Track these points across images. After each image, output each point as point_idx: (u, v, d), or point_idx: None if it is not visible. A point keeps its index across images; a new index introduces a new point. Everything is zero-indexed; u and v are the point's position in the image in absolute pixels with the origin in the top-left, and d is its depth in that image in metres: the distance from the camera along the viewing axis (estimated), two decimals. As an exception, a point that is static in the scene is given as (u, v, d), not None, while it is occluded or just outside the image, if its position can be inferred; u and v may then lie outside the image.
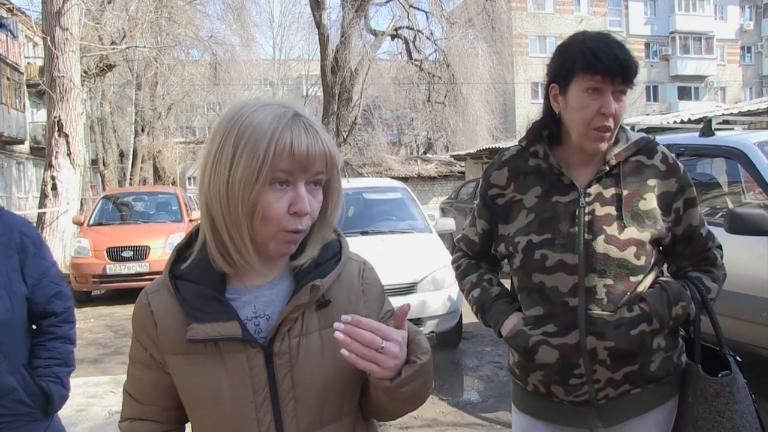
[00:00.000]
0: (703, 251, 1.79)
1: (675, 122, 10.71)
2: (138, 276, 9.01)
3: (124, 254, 9.17)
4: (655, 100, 41.92)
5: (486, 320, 1.87)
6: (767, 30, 42.76)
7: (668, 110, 34.42)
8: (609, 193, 1.70)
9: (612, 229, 1.66)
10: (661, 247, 1.76)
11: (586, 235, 1.67)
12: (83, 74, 14.00)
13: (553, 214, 1.70)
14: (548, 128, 1.75)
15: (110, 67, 18.63)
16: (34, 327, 2.05)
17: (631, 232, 1.66)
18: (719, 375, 1.67)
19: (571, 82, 1.65)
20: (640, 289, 1.68)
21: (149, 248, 9.32)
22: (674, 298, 1.68)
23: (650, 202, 1.69)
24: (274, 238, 1.11)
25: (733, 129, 5.82)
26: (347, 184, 7.58)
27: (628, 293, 1.66)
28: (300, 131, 1.08)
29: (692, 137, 5.37)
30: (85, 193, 17.72)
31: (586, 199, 1.69)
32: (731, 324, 4.34)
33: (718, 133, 5.13)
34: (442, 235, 7.28)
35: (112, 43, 16.71)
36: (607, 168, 1.71)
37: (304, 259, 1.19)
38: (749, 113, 9.51)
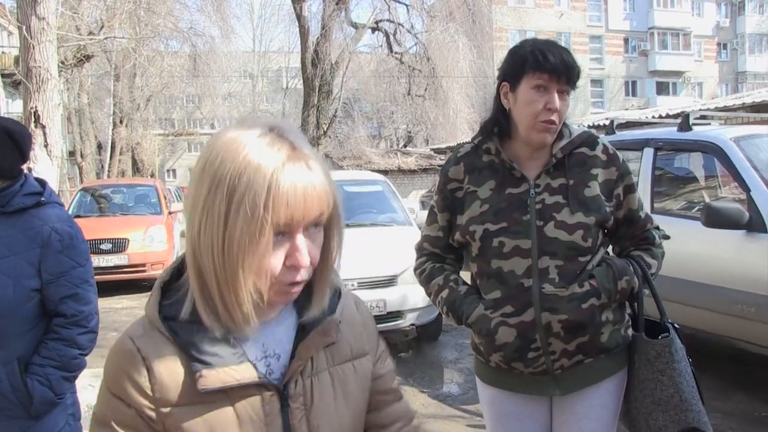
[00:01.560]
0: (643, 231, 1.99)
1: (653, 117, 10.83)
2: (117, 268, 8.91)
3: (103, 246, 9.07)
4: (634, 95, 42.27)
5: (457, 317, 1.98)
6: (742, 27, 43.24)
7: (647, 105, 34.76)
8: (557, 183, 1.88)
9: (561, 216, 1.84)
10: (605, 230, 1.94)
11: (538, 222, 1.84)
12: (60, 64, 13.80)
13: (507, 205, 1.87)
14: (499, 124, 1.92)
15: (88, 57, 18.39)
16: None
17: (579, 217, 1.83)
18: (660, 337, 1.88)
19: (521, 80, 1.83)
20: (589, 267, 1.86)
21: (128, 240, 9.24)
22: (619, 274, 1.86)
23: (594, 189, 1.87)
24: (271, 289, 0.98)
25: (710, 124, 5.90)
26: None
27: (578, 272, 1.84)
28: (300, 173, 0.96)
29: (670, 132, 5.44)
30: (63, 185, 17.47)
31: (536, 190, 1.88)
32: (707, 316, 4.42)
33: (695, 128, 5.20)
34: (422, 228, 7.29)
35: (90, 33, 16.49)
36: (554, 160, 1.89)
37: (315, 312, 1.09)
38: (726, 109, 9.64)
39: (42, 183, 2.11)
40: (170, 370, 0.99)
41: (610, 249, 2.05)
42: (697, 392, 1.84)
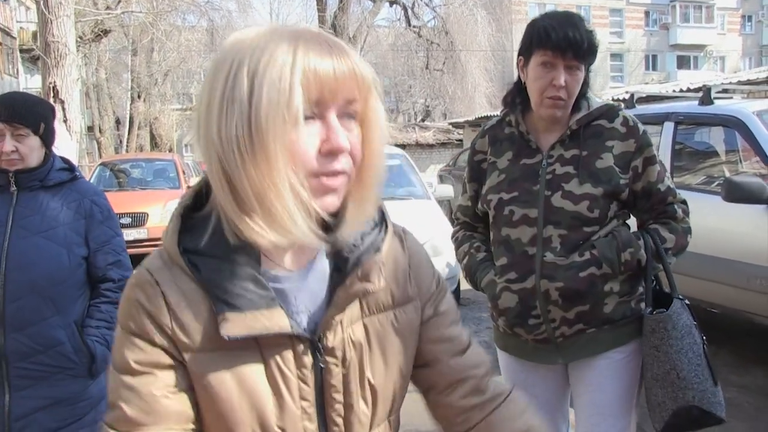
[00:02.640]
0: (663, 205, 1.96)
1: (674, 91, 10.67)
2: (136, 243, 8.98)
3: (122, 221, 9.13)
4: (654, 69, 41.63)
5: (474, 282, 2.09)
6: (769, -2, 42.32)
7: (667, 79, 34.23)
8: (569, 154, 1.90)
9: (569, 186, 1.86)
10: (622, 202, 1.92)
11: (546, 191, 1.88)
12: (78, 39, 13.85)
13: (520, 174, 1.93)
14: (520, 96, 1.96)
15: (105, 32, 18.44)
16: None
17: (587, 188, 1.85)
18: (655, 312, 1.86)
19: (531, 56, 1.86)
20: (594, 238, 1.87)
21: (147, 215, 9.33)
22: (623, 245, 1.86)
23: (607, 161, 1.88)
24: (310, 188, 0.82)
25: (732, 98, 5.81)
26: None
27: (581, 242, 1.86)
28: (323, 50, 0.83)
29: (691, 106, 5.37)
30: (82, 160, 17.66)
31: (549, 161, 1.91)
32: (726, 291, 4.39)
33: (717, 102, 5.13)
34: (440, 202, 7.29)
35: (107, 7, 16.51)
36: (569, 132, 1.90)
37: (350, 232, 0.91)
38: (749, 82, 9.47)
39: (64, 159, 2.21)
40: (192, 310, 0.85)
41: (633, 222, 2.04)
42: (703, 370, 1.82)
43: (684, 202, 2.00)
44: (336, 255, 0.93)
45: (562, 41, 1.78)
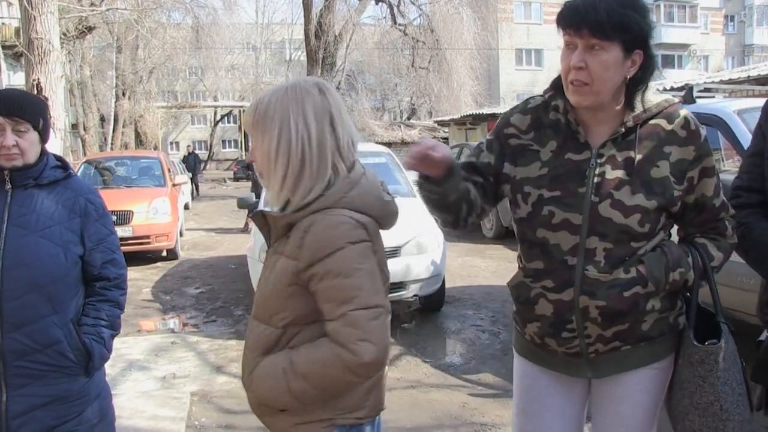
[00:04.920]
0: (714, 220, 1.78)
1: (658, 90, 10.75)
2: (121, 240, 8.83)
3: (107, 219, 9.08)
4: (639, 67, 41.86)
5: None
6: (751, -1, 42.70)
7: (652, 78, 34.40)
8: (622, 156, 1.68)
9: (620, 194, 1.65)
10: (670, 214, 1.74)
11: (593, 197, 1.67)
12: (62, 36, 13.73)
13: (564, 171, 1.71)
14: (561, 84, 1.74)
15: (90, 29, 18.27)
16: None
17: (639, 199, 1.64)
18: (706, 343, 1.70)
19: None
20: (641, 252, 1.69)
21: (132, 213, 9.26)
22: (673, 264, 1.69)
23: (663, 169, 1.66)
24: None
25: (714, 97, 5.88)
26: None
27: (627, 257, 1.68)
28: None
29: (674, 104, 5.42)
30: (66, 157, 17.45)
31: (599, 160, 1.68)
32: (719, 291, 4.43)
33: (699, 100, 5.19)
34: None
35: (92, 4, 16.37)
36: (623, 130, 1.68)
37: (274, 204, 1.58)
38: (730, 81, 9.57)
39: (57, 156, 2.20)
40: None
41: (674, 231, 1.85)
42: (744, 399, 1.70)
43: (734, 216, 1.82)
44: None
45: (574, 18, 1.58)
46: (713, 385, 1.66)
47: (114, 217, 8.94)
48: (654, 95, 1.73)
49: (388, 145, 18.47)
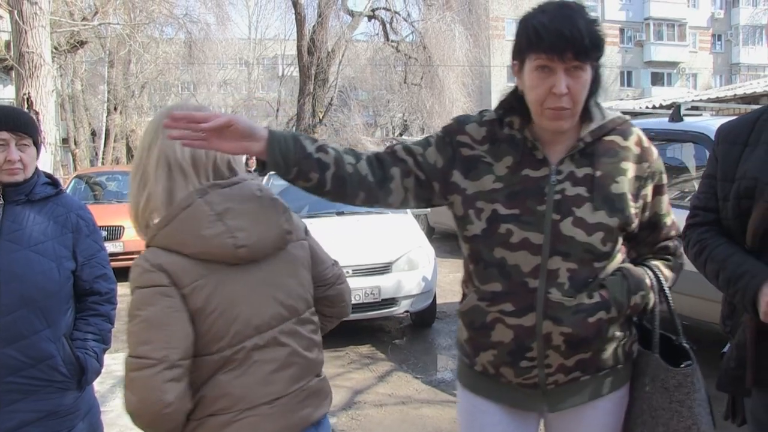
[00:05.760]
0: (666, 240, 1.77)
1: (647, 107, 10.86)
2: (112, 256, 8.79)
3: (98, 234, 9.05)
4: (629, 85, 42.25)
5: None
6: (737, 19, 43.23)
7: (642, 95, 34.77)
8: (581, 172, 1.62)
9: (582, 212, 1.59)
10: (626, 233, 1.69)
11: (554, 214, 1.59)
12: (54, 50, 13.74)
13: (522, 188, 1.62)
14: (515, 105, 1.66)
15: (82, 43, 18.26)
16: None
17: (601, 216, 1.59)
18: (681, 365, 1.66)
19: (525, 60, 1.57)
20: (602, 275, 1.63)
21: (123, 228, 9.25)
22: (635, 287, 1.64)
23: (622, 185, 1.62)
24: None
25: (701, 115, 5.95)
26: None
27: (590, 279, 1.61)
28: None
29: (662, 122, 5.50)
30: (56, 172, 17.48)
31: (558, 177, 1.61)
32: (696, 303, 4.47)
33: (686, 118, 5.26)
34: (416, 216, 7.34)
35: (84, 19, 16.38)
36: (582, 145, 1.62)
37: None
38: (717, 100, 9.69)
39: (46, 173, 2.22)
40: None
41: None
42: (710, 418, 1.69)
43: (681, 236, 1.83)
44: None
45: (557, 41, 1.49)
46: (691, 409, 1.62)
47: (105, 233, 9.02)
48: (609, 111, 1.70)
49: (380, 160, 18.47)
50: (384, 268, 5.76)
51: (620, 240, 1.67)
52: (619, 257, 1.70)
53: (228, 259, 1.47)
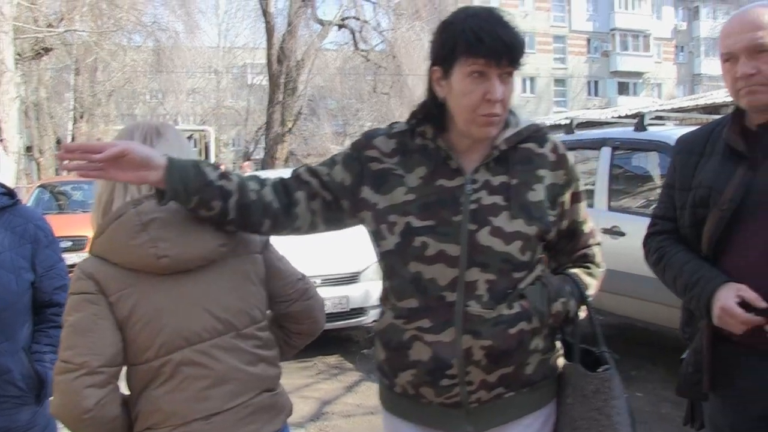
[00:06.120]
0: (585, 248, 1.73)
1: (613, 117, 11.04)
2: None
3: (62, 245, 8.85)
4: (596, 94, 42.90)
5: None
6: (698, 31, 44.27)
7: (608, 105, 35.28)
8: (497, 180, 1.58)
9: (498, 221, 1.54)
10: (545, 243, 1.65)
11: (470, 224, 1.53)
12: (17, 57, 13.50)
13: (436, 199, 1.56)
14: (431, 114, 1.61)
15: (46, 50, 17.98)
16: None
17: (519, 224, 1.55)
18: (598, 370, 1.61)
19: (454, 66, 1.51)
20: (522, 285, 1.57)
21: (88, 238, 9.08)
22: (555, 295, 1.60)
23: (539, 193, 1.59)
24: None
25: (665, 124, 6.07)
26: (292, 173, 7.57)
27: (510, 290, 1.55)
28: None
29: (627, 131, 5.60)
30: (20, 181, 17.12)
31: (473, 186, 1.56)
32: (659, 309, 4.53)
33: (650, 128, 5.36)
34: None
35: (49, 25, 16.14)
36: (496, 153, 1.58)
37: None
38: (680, 109, 9.89)
39: (1, 184, 2.18)
40: None
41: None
42: (631, 425, 1.62)
43: (599, 244, 1.78)
44: None
45: (497, 45, 1.46)
46: (609, 417, 1.56)
47: (70, 243, 8.89)
48: (523, 118, 1.66)
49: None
50: (352, 278, 5.74)
51: (539, 249, 1.63)
52: (539, 267, 1.65)
53: (152, 269, 1.48)
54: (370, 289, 5.73)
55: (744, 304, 1.69)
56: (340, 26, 22.77)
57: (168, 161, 1.49)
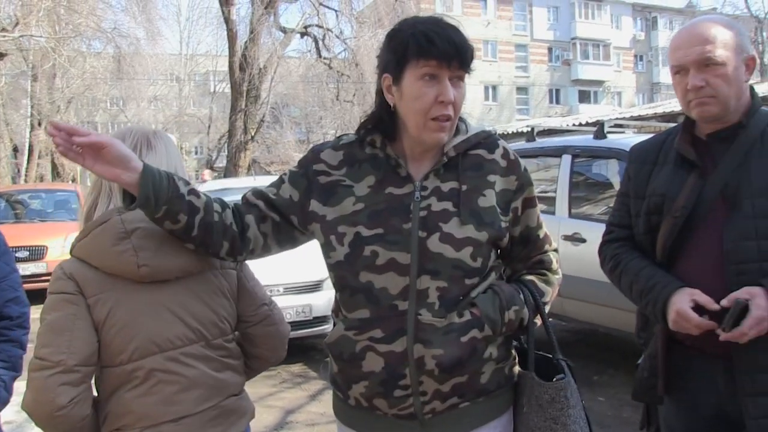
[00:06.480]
0: (539, 254, 1.72)
1: (574, 125, 11.22)
2: (34, 277, 8.53)
3: (19, 254, 8.67)
4: (558, 102, 43.54)
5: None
6: (656, 41, 45.30)
7: (570, 113, 35.88)
8: (447, 187, 1.57)
9: (449, 227, 1.53)
10: (498, 249, 1.65)
11: (420, 232, 1.53)
12: (-28, 63, 13.20)
13: (386, 207, 1.56)
14: (382, 123, 1.61)
15: (1, 55, 17.63)
16: None
17: (469, 230, 1.53)
18: (554, 379, 1.60)
19: (405, 70, 1.51)
20: (474, 293, 1.56)
21: (46, 248, 8.93)
22: (507, 303, 1.57)
23: (490, 198, 1.58)
24: None
25: (624, 132, 6.18)
26: (254, 182, 7.52)
27: (461, 297, 1.54)
28: None
29: (587, 139, 5.69)
30: (-25, 189, 16.73)
31: (422, 193, 1.56)
32: (621, 315, 4.61)
33: (610, 136, 5.45)
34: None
35: (3, 29, 15.81)
36: (446, 159, 1.59)
37: None
38: (639, 117, 10.11)
39: None
40: None
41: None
42: None
43: (556, 250, 1.77)
44: None
45: (448, 47, 1.47)
46: (566, 426, 1.55)
47: (27, 253, 8.72)
48: (473, 125, 1.67)
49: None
50: (315, 286, 5.72)
51: (492, 256, 1.62)
52: (493, 275, 1.63)
53: (131, 276, 1.53)
54: (333, 297, 5.70)
55: (698, 308, 1.74)
56: (303, 34, 22.71)
57: (144, 167, 1.50)
